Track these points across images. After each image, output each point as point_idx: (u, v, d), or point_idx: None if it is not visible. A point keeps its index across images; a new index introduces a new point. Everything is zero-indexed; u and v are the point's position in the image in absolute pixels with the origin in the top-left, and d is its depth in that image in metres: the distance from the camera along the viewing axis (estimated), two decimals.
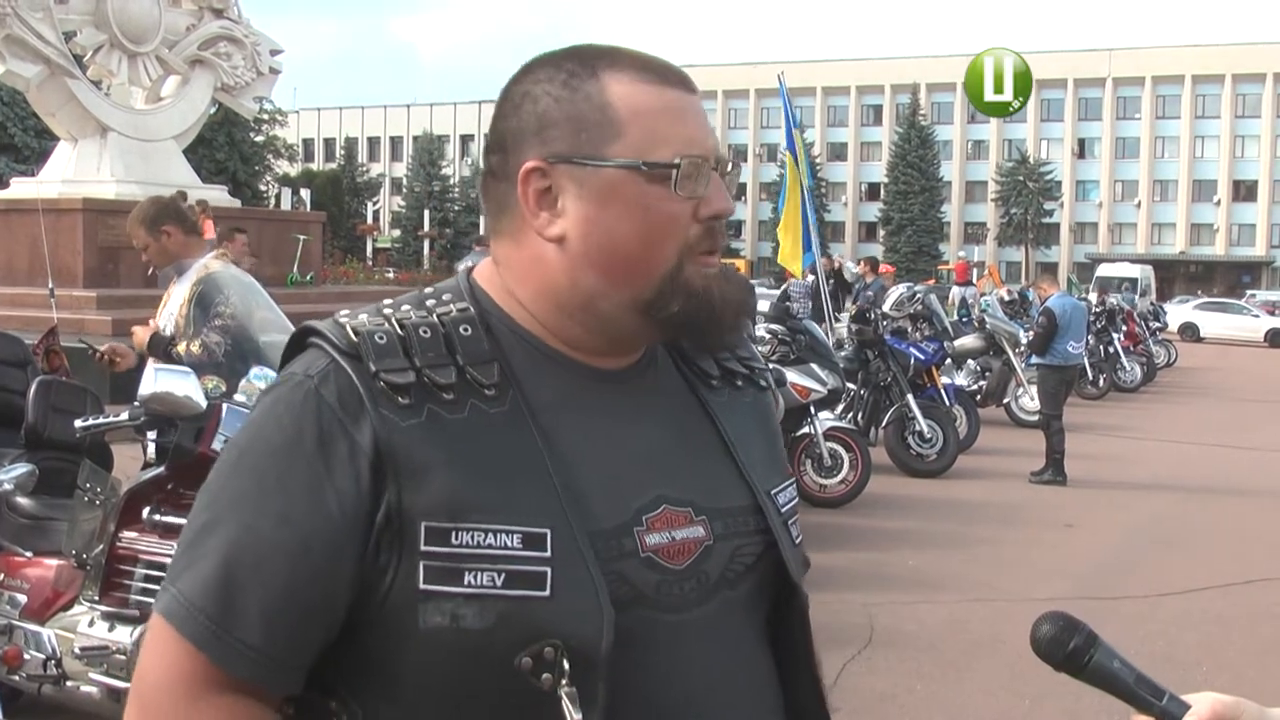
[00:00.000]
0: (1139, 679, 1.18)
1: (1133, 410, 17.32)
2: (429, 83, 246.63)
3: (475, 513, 1.15)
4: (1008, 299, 20.16)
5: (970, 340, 14.47)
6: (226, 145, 50.38)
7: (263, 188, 54.76)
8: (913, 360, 11.74)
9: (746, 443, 1.36)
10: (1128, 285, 38.05)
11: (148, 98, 19.03)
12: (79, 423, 4.14)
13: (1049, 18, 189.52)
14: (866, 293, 16.19)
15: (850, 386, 11.33)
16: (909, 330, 12.80)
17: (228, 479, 1.20)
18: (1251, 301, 46.60)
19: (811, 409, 9.46)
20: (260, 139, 55.95)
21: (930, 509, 9.57)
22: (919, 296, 13.42)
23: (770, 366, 8.55)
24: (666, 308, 1.24)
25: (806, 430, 9.48)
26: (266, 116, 52.63)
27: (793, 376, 9.23)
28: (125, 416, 3.93)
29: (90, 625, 3.87)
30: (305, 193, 44.47)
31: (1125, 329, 20.41)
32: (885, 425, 11.24)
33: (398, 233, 72.21)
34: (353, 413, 1.16)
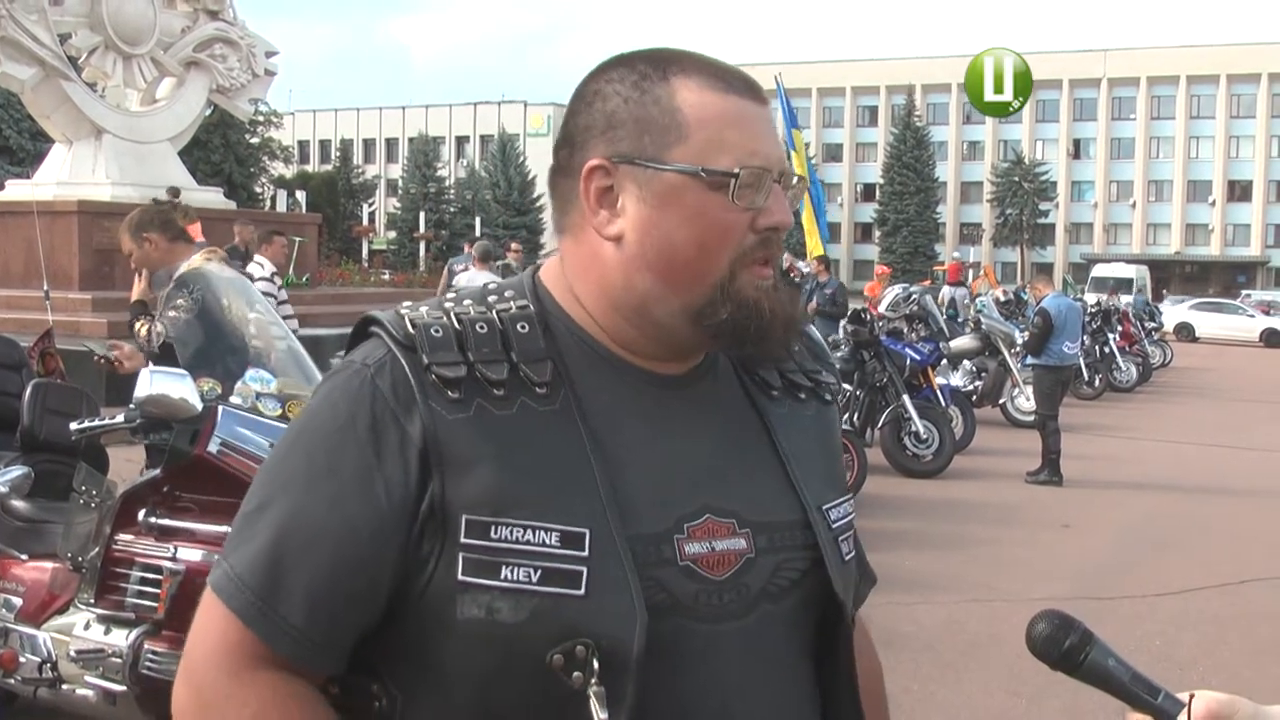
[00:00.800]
0: (1134, 677, 1.18)
1: (1128, 410, 17.33)
2: (424, 84, 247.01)
3: (516, 508, 1.16)
4: (1003, 299, 20.18)
5: (966, 341, 14.46)
6: (222, 147, 50.44)
7: (258, 189, 54.82)
8: (908, 361, 11.73)
9: (803, 456, 1.35)
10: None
11: (143, 100, 19.00)
12: (74, 425, 4.12)
13: (1044, 19, 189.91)
14: (825, 291, 15.73)
15: (846, 387, 11.31)
16: (905, 331, 12.81)
17: (283, 459, 1.24)
18: (1247, 301, 46.60)
19: None
20: (255, 141, 56.02)
21: (926, 510, 9.57)
22: (914, 297, 13.43)
23: None
24: (715, 315, 1.24)
25: None
26: (262, 118, 52.73)
27: None
28: (121, 419, 3.91)
29: (86, 628, 3.85)
30: (300, 194, 44.38)
31: (1121, 329, 20.43)
32: (881, 426, 11.23)
33: (393, 234, 72.09)
34: (405, 403, 1.19)
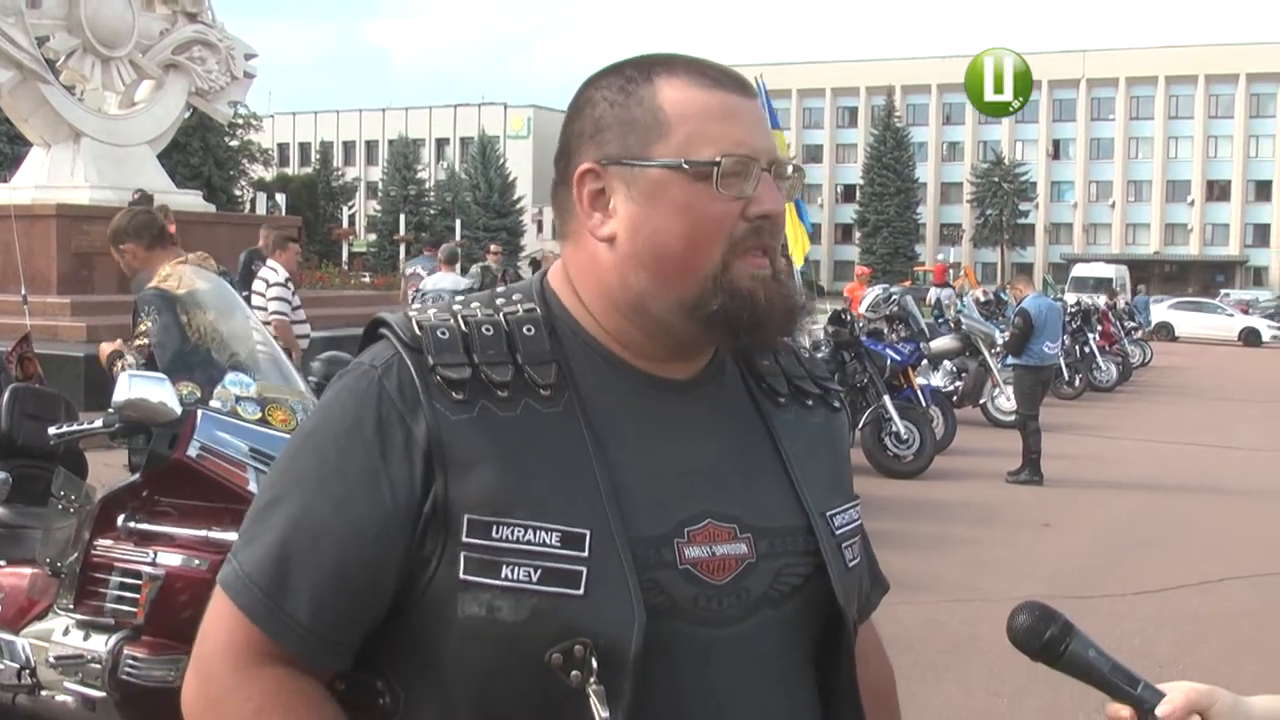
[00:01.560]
0: (1114, 668, 1.19)
1: (1109, 410, 17.40)
2: (404, 87, 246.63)
3: (517, 509, 1.18)
4: (984, 300, 20.25)
5: (946, 341, 14.51)
6: (201, 150, 50.26)
7: (238, 192, 54.60)
8: (889, 361, 11.75)
9: (808, 462, 1.35)
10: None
11: (121, 103, 18.88)
12: (53, 430, 4.10)
13: (1023, 19, 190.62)
14: None
15: None
16: (885, 331, 12.83)
17: (293, 459, 1.26)
18: (1226, 301, 46.89)
19: None
20: (235, 143, 55.85)
21: (907, 510, 9.57)
22: (895, 298, 13.47)
23: None
24: (707, 306, 1.24)
25: None
26: (241, 121, 52.58)
27: None
28: (99, 424, 3.89)
29: (65, 634, 3.83)
30: (280, 197, 44.27)
31: (1100, 329, 20.52)
32: (862, 426, 11.23)
33: (373, 237, 71.97)
34: (410, 404, 1.21)
